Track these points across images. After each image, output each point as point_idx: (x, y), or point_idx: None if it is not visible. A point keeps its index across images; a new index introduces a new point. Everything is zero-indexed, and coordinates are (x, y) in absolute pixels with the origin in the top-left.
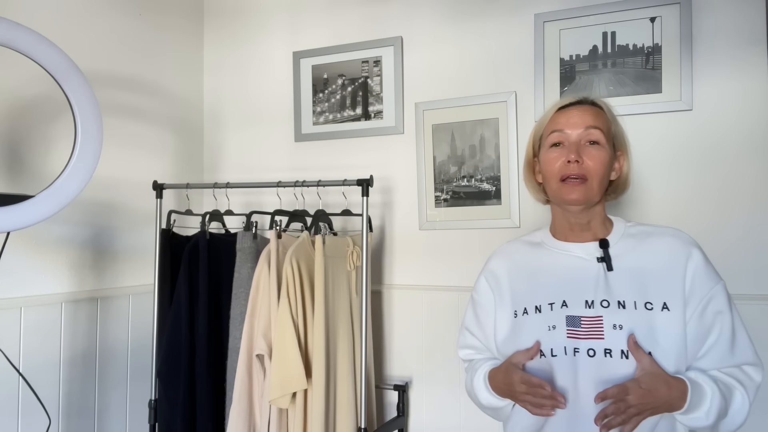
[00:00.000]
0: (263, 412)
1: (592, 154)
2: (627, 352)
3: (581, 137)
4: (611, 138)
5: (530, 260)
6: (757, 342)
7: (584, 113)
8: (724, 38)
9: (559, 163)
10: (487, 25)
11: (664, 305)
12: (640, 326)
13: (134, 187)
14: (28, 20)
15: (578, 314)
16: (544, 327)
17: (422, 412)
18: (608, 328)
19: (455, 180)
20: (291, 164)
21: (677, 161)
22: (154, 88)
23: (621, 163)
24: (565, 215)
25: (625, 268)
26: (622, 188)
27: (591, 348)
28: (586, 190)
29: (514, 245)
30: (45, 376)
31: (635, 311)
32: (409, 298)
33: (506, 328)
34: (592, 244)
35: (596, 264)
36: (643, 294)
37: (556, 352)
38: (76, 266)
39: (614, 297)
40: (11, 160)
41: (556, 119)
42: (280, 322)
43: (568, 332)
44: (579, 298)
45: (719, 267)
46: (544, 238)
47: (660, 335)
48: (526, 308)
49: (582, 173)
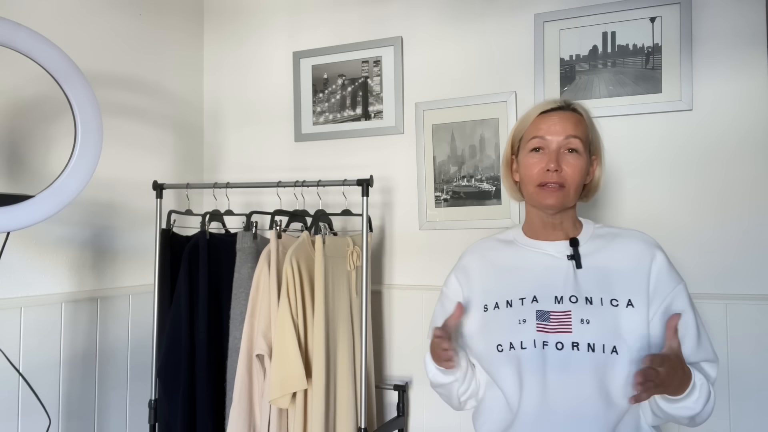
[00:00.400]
0: (263, 412)
1: (570, 162)
2: (593, 345)
3: (561, 145)
4: (588, 144)
5: (502, 257)
6: (757, 342)
7: (565, 121)
8: (724, 38)
9: (538, 169)
10: (487, 25)
11: (629, 302)
12: (606, 321)
13: (134, 187)
14: (28, 20)
15: (548, 309)
16: (514, 321)
17: (422, 412)
18: (576, 323)
19: (455, 180)
20: (291, 164)
21: (677, 161)
22: (154, 88)
23: (594, 167)
24: (539, 215)
25: (593, 267)
26: (593, 191)
27: (559, 341)
28: (563, 196)
29: (487, 242)
30: (45, 376)
31: (602, 307)
32: (409, 298)
33: (476, 322)
34: (562, 242)
35: (566, 261)
36: (610, 291)
37: (526, 345)
38: (76, 266)
39: (582, 293)
40: (11, 160)
41: (538, 124)
42: (280, 322)
43: (538, 326)
44: (549, 293)
45: (718, 266)
46: (516, 236)
47: (624, 330)
48: (497, 303)
49: (560, 181)
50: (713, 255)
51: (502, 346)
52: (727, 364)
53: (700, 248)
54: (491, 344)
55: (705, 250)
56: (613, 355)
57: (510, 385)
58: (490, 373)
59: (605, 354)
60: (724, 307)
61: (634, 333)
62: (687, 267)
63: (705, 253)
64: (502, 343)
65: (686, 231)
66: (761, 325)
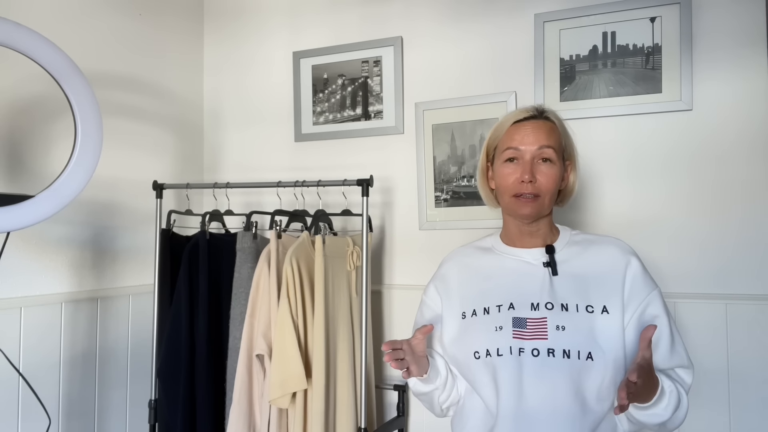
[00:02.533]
0: (263, 412)
1: (544, 171)
2: (569, 351)
3: (535, 155)
4: (562, 152)
5: (480, 264)
6: (757, 342)
7: (538, 130)
8: (724, 38)
9: (512, 180)
10: (487, 25)
11: (604, 308)
12: (581, 328)
13: (134, 187)
14: (28, 20)
15: (524, 316)
16: (491, 328)
17: (422, 412)
18: (552, 329)
19: (455, 180)
20: (291, 164)
21: (677, 161)
22: (154, 88)
23: (569, 172)
24: (515, 222)
25: (569, 273)
26: (568, 196)
27: (535, 348)
28: (538, 206)
29: (465, 250)
30: (45, 376)
31: (577, 314)
32: (409, 298)
33: (454, 329)
34: (539, 249)
35: (542, 268)
36: (585, 297)
37: (502, 351)
38: (76, 266)
39: (558, 300)
40: (11, 160)
41: (511, 134)
42: (280, 322)
43: (514, 333)
44: (525, 300)
45: (718, 266)
46: (494, 243)
47: (599, 336)
48: (475, 310)
49: (535, 191)
50: (713, 255)
51: (479, 353)
52: (727, 364)
53: (700, 248)
54: (468, 351)
55: (705, 250)
56: (588, 361)
57: (488, 392)
58: (468, 379)
59: (580, 360)
60: (724, 307)
61: (609, 339)
62: (687, 267)
63: (705, 253)
64: (479, 350)
65: (686, 230)
66: (761, 325)
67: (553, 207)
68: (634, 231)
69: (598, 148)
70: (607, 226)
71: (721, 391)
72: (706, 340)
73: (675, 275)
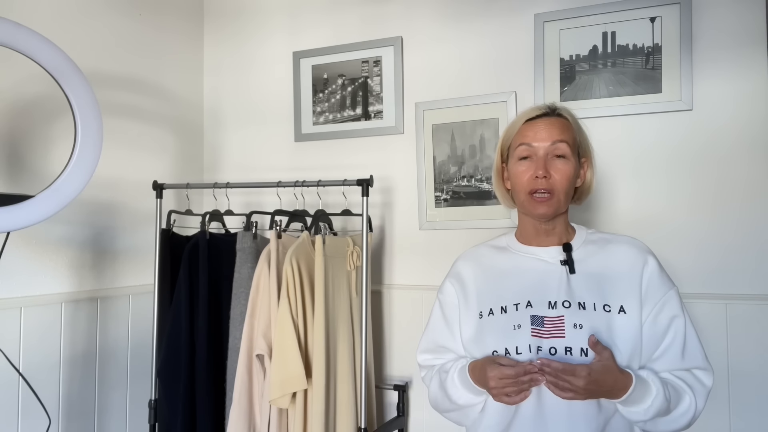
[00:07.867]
0: (263, 412)
1: (558, 168)
2: (587, 350)
3: (548, 151)
4: (576, 148)
5: (496, 263)
6: (757, 342)
7: (551, 127)
8: (724, 38)
9: (527, 177)
10: (487, 26)
11: (621, 308)
12: (598, 326)
13: (134, 187)
14: (28, 20)
15: (542, 314)
16: (509, 326)
17: (422, 412)
18: (569, 328)
19: (455, 180)
20: (291, 164)
21: (677, 161)
22: (154, 88)
23: (585, 169)
24: (531, 221)
25: (586, 272)
26: (585, 194)
27: (553, 346)
28: (554, 204)
29: (480, 249)
30: (45, 376)
31: (594, 312)
32: (409, 298)
33: (471, 329)
34: (555, 248)
35: (559, 267)
36: (602, 296)
37: (521, 350)
38: (75, 266)
39: (575, 298)
40: (11, 160)
41: (524, 132)
42: (280, 322)
43: (533, 331)
44: (543, 298)
45: (717, 266)
46: (509, 242)
47: (617, 336)
48: (492, 309)
49: (549, 188)
50: (713, 254)
51: (498, 351)
52: (727, 364)
53: (700, 248)
54: (487, 350)
55: (705, 249)
56: None
57: None
58: None
59: None
60: (724, 307)
61: (627, 339)
62: (687, 267)
63: (704, 252)
64: (498, 349)
65: (685, 230)
66: (761, 325)
67: (568, 205)
68: (634, 231)
69: (598, 148)
70: (606, 225)
71: (721, 390)
72: (705, 340)
73: (675, 275)
